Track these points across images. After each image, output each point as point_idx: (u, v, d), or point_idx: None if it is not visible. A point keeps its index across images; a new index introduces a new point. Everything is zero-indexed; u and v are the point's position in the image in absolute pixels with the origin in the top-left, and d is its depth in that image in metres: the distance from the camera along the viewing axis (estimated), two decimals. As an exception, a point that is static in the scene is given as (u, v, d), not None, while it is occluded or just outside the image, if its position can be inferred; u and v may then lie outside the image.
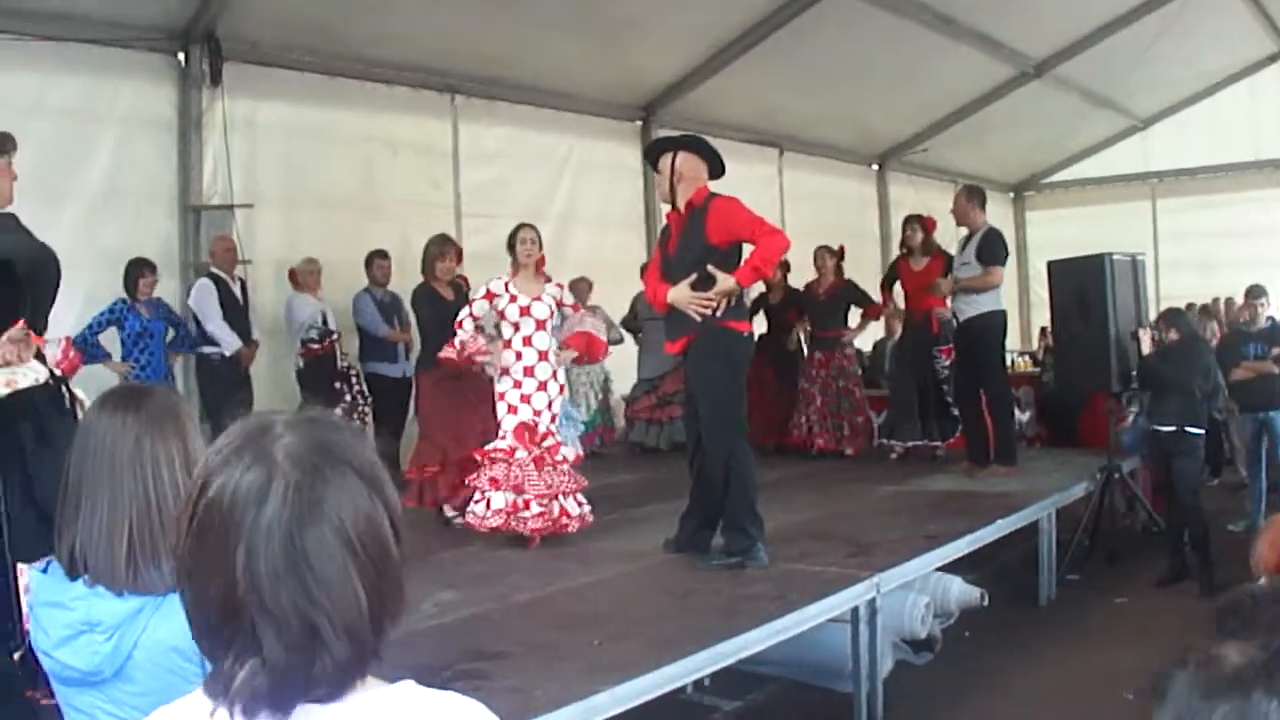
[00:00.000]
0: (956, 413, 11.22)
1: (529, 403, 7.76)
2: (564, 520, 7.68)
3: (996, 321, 10.55)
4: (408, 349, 10.67)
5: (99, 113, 9.71)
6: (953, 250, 11.09)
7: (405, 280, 9.93)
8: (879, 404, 12.89)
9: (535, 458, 7.66)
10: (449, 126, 12.56)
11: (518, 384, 7.77)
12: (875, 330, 15.00)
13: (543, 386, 7.82)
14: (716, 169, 7.32)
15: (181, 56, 10.30)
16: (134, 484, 2.36)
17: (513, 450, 7.65)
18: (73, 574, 2.36)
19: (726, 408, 7.05)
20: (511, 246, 8.00)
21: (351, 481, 1.47)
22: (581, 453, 9.22)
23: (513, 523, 7.57)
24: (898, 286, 11.74)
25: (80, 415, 5.16)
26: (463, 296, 8.84)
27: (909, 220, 11.65)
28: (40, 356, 5.21)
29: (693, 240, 7.06)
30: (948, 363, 11.25)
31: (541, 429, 7.79)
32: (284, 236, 10.79)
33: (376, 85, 11.77)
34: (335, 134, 11.47)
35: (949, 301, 10.80)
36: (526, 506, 7.58)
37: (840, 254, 12.37)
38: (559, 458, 7.79)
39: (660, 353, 12.03)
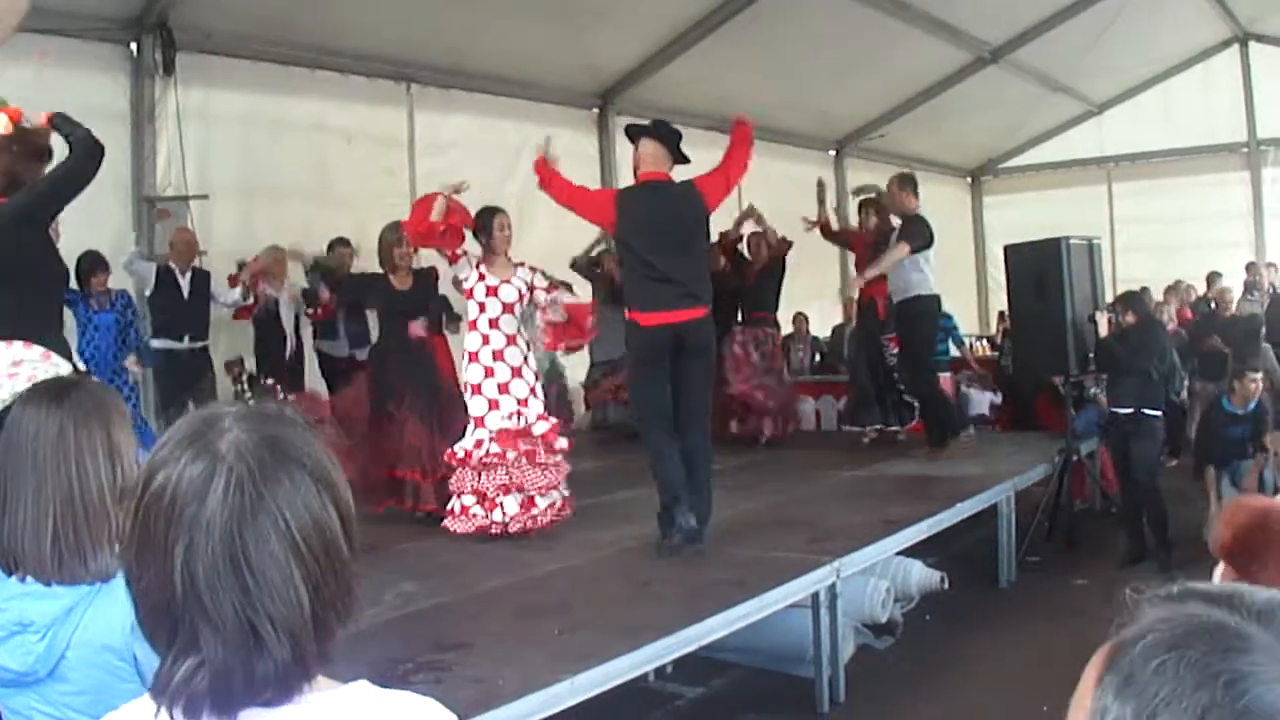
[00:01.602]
0: (909, 398, 11.27)
1: (508, 392, 7.58)
2: (564, 511, 7.77)
3: (922, 306, 10.60)
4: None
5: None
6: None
7: (363, 269, 9.89)
8: (839, 389, 12.92)
9: (526, 452, 7.52)
10: (405, 115, 12.51)
11: (489, 371, 7.58)
12: (834, 316, 15.06)
13: (517, 372, 7.64)
14: (678, 155, 7.58)
15: (134, 46, 10.21)
16: (57, 475, 2.34)
17: (503, 454, 7.47)
18: (8, 570, 2.33)
19: (632, 397, 7.56)
20: (484, 230, 7.87)
21: (300, 479, 1.43)
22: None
23: (527, 522, 7.52)
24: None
25: None
26: (425, 283, 8.78)
27: (861, 205, 11.69)
28: (65, 353, 5.24)
29: None
30: (896, 350, 11.27)
31: (532, 417, 7.63)
32: (239, 227, 10.73)
33: (331, 75, 11.70)
34: (290, 124, 11.40)
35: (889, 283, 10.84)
36: (532, 504, 7.54)
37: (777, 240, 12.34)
38: (557, 446, 7.71)
39: (613, 335, 12.15)
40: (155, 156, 10.29)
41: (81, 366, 5.50)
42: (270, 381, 10.08)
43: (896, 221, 10.94)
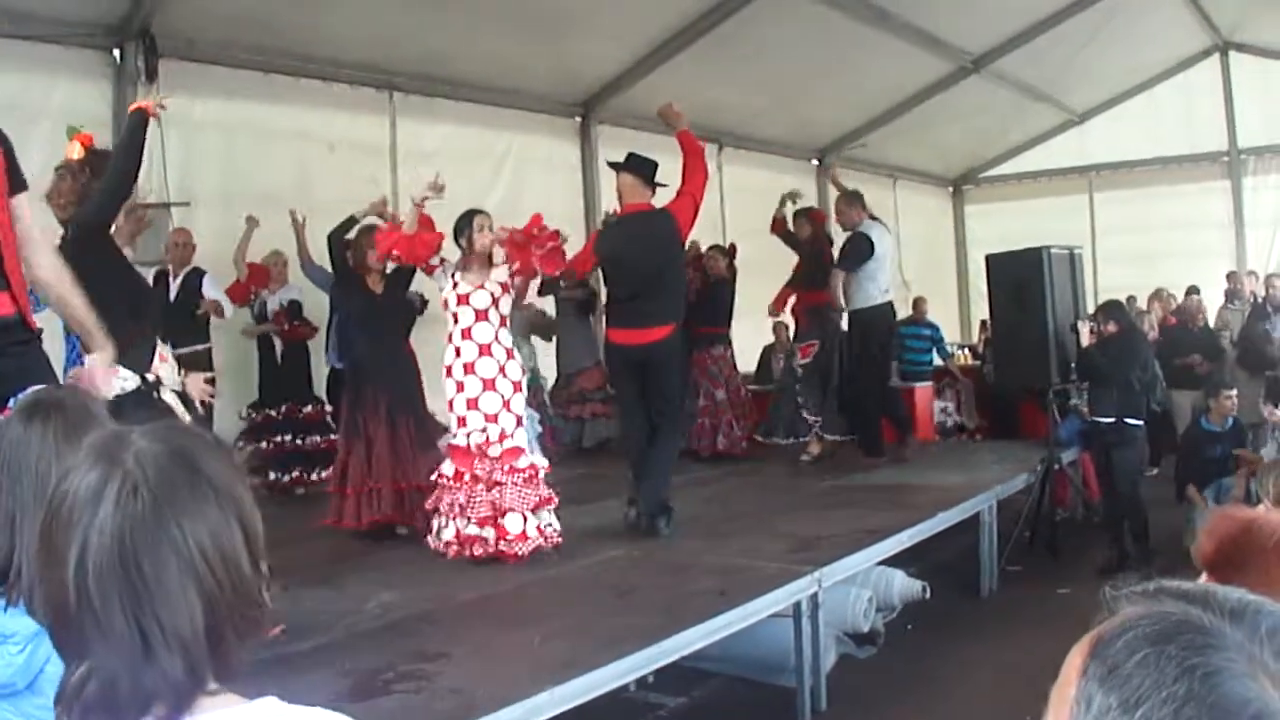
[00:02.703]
0: (806, 416, 11.24)
1: (477, 407, 7.22)
2: (507, 545, 7.07)
3: (872, 315, 10.80)
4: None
5: (33, 110, 9.54)
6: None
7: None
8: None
9: (479, 476, 7.16)
10: (387, 123, 12.48)
11: (460, 386, 7.25)
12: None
13: (490, 385, 7.23)
14: (653, 182, 8.19)
15: (117, 53, 10.17)
16: None
17: (459, 474, 7.19)
18: None
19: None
20: (462, 232, 7.50)
21: (202, 491, 1.44)
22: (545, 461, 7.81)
23: (467, 550, 7.13)
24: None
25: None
26: (399, 287, 8.72)
27: (795, 214, 11.68)
28: (140, 363, 5.28)
29: None
30: (803, 361, 11.21)
31: (494, 435, 7.20)
32: (221, 235, 10.66)
33: (314, 82, 11.67)
34: (272, 132, 11.37)
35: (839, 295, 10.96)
36: (498, 529, 7.10)
37: (731, 253, 12.33)
38: (518, 465, 7.21)
39: (575, 347, 12.14)
40: (137, 163, 10.26)
41: (160, 375, 5.55)
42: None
43: (838, 230, 11.26)
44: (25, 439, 2.39)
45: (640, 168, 8.13)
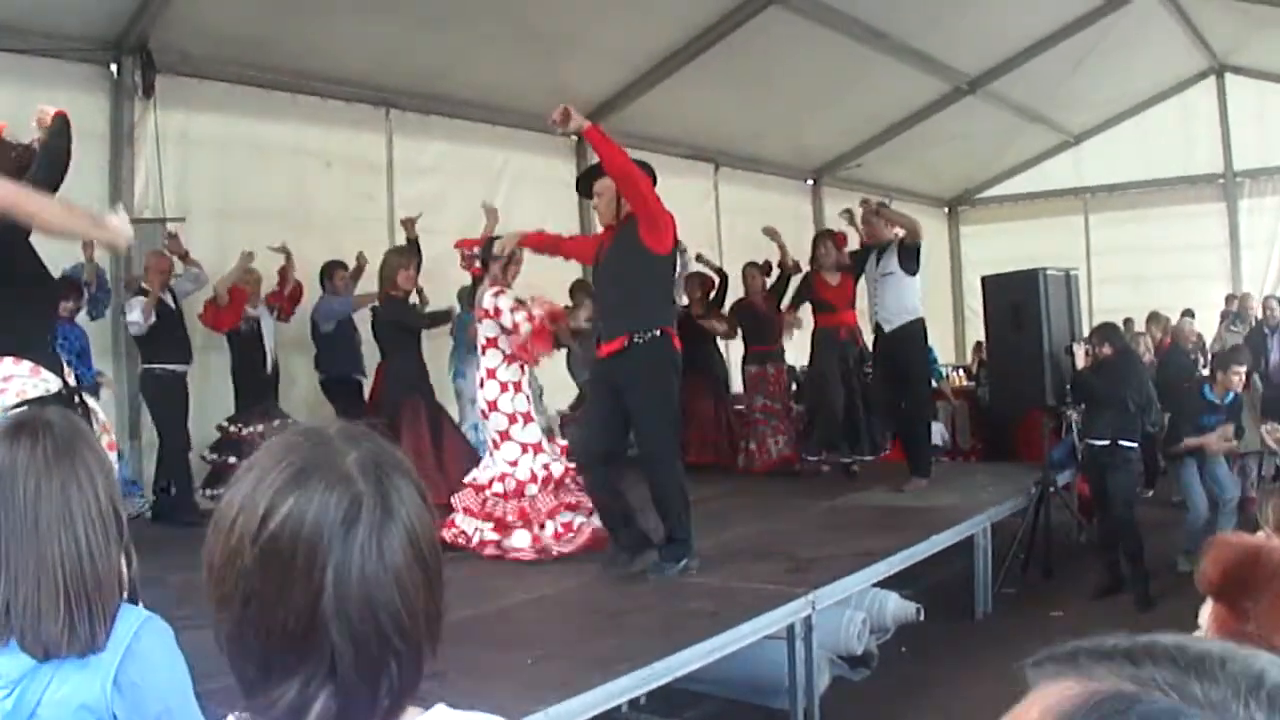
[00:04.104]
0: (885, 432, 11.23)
1: (534, 420, 7.89)
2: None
3: (919, 329, 10.70)
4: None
5: (29, 124, 9.53)
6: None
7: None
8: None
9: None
10: (383, 140, 12.48)
11: (528, 399, 7.85)
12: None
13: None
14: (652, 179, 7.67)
15: (114, 67, 10.19)
16: (65, 543, 2.25)
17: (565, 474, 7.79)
18: None
19: (671, 419, 7.31)
20: (497, 260, 7.99)
21: (409, 487, 1.44)
22: None
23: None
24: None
25: (95, 425, 5.12)
26: (419, 308, 8.84)
27: (820, 237, 11.72)
28: (56, 367, 5.17)
29: (629, 249, 7.25)
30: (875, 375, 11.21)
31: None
32: (216, 250, 10.65)
33: (310, 98, 11.67)
34: (268, 147, 11.37)
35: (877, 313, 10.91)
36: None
37: (767, 269, 12.41)
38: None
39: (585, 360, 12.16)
40: (133, 178, 10.25)
41: (73, 381, 5.44)
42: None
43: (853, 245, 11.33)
44: (11, 459, 2.33)
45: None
